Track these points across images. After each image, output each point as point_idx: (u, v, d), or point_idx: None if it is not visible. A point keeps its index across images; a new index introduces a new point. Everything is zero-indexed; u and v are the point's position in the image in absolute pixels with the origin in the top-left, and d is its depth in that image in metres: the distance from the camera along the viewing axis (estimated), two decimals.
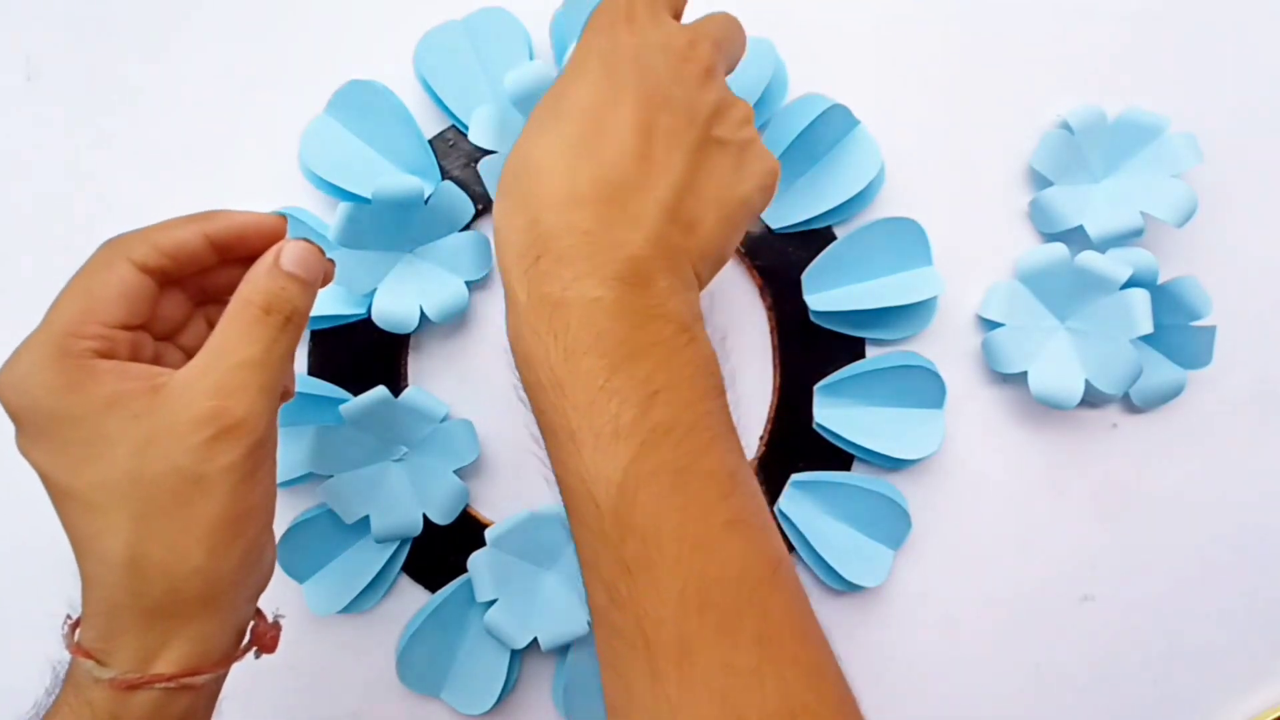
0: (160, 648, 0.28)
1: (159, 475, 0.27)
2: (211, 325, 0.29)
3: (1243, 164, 0.44)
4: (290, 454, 0.41)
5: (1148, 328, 0.40)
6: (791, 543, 0.42)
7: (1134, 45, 0.44)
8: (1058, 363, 0.41)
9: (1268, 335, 0.44)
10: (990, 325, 0.43)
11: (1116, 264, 0.40)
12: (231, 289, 0.29)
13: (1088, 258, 0.41)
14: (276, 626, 0.33)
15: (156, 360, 0.30)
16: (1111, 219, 0.41)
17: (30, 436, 0.27)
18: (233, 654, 0.30)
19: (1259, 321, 0.44)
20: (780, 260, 0.43)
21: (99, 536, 0.27)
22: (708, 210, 0.29)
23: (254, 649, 0.32)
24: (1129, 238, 0.41)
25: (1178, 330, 0.42)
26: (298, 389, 0.41)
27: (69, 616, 0.30)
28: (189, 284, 0.31)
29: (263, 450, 0.28)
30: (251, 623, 0.32)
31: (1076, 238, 0.42)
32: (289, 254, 0.29)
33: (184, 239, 0.29)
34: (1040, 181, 0.43)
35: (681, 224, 0.28)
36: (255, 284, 0.29)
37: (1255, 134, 0.44)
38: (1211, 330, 0.42)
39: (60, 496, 0.28)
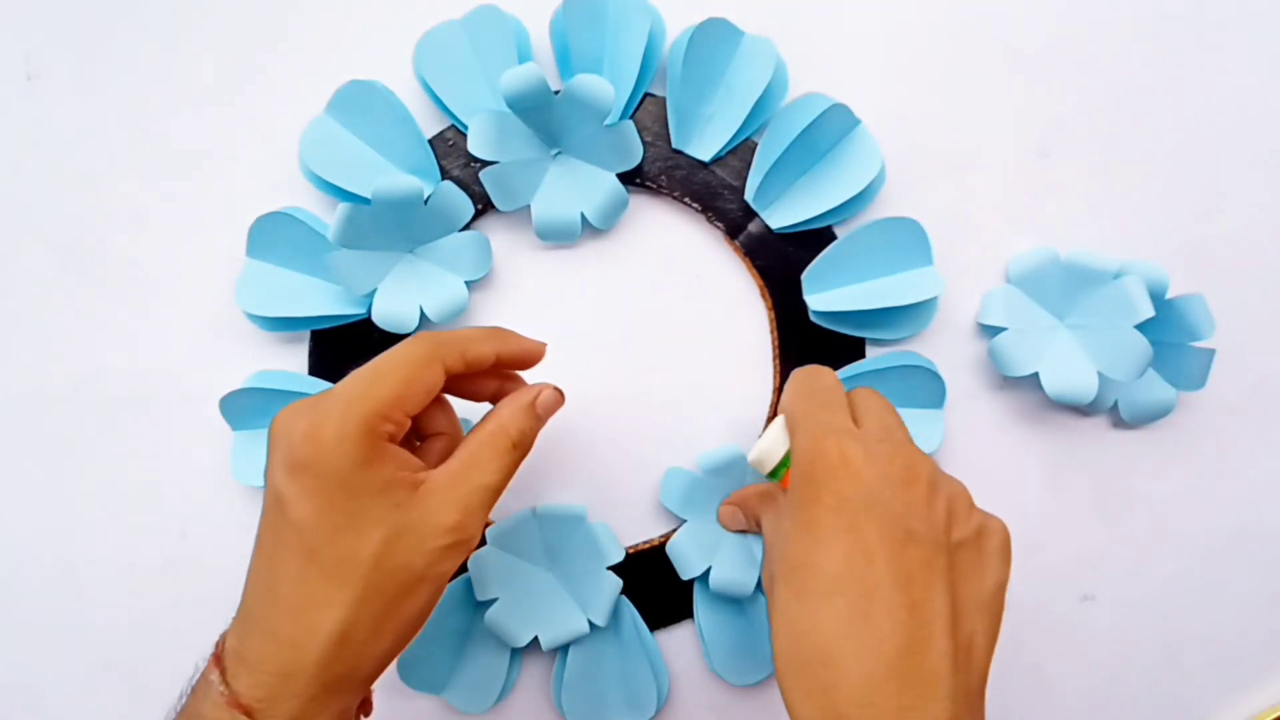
0: (310, 718, 0.29)
1: (395, 568, 0.29)
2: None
3: (1248, 166, 0.44)
4: None
5: (1148, 311, 0.40)
6: None
7: (1129, 41, 0.44)
8: (1066, 359, 0.41)
9: (1267, 336, 0.44)
10: (992, 331, 0.43)
11: (1104, 258, 0.40)
12: (472, 392, 0.35)
13: (1075, 254, 0.41)
14: (370, 693, 0.34)
15: (407, 441, 0.33)
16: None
17: (305, 487, 0.29)
18: None
19: (1259, 323, 0.44)
20: (780, 260, 0.43)
21: (321, 606, 0.29)
22: (976, 620, 0.29)
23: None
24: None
25: (1176, 349, 0.42)
26: (298, 389, 0.41)
27: (218, 655, 0.30)
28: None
29: (464, 560, 0.31)
30: None
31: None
32: (544, 400, 0.34)
33: (484, 354, 0.33)
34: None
35: (963, 651, 0.28)
36: (514, 418, 0.33)
37: (1258, 133, 0.44)
38: (1210, 353, 0.42)
39: (304, 551, 0.29)
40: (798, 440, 0.31)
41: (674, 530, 0.43)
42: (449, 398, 0.35)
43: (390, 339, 0.42)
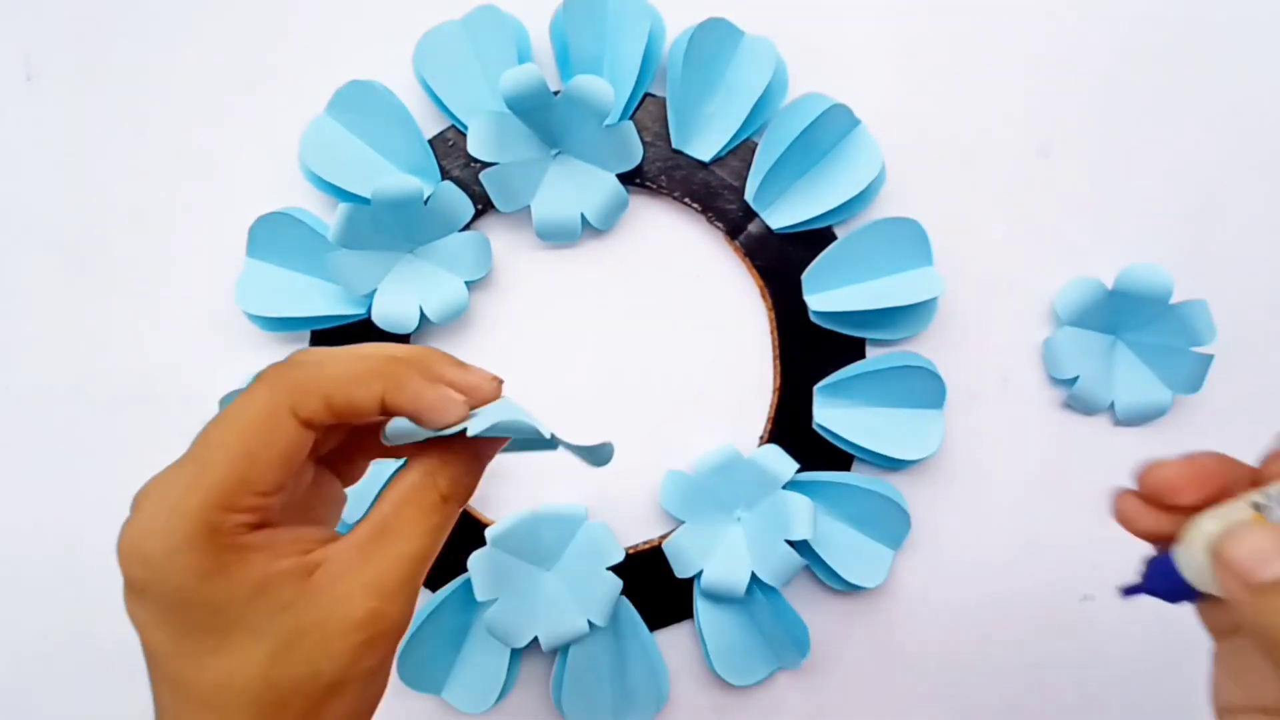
0: None
1: (297, 679, 0.23)
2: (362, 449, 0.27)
3: (1248, 167, 0.44)
4: None
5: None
6: (795, 547, 0.42)
7: (1130, 41, 0.44)
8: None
9: (1267, 335, 0.44)
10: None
11: (1161, 274, 0.41)
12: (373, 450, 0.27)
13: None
14: None
15: (304, 491, 0.27)
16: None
17: (151, 612, 0.23)
18: None
19: (1259, 322, 0.44)
20: (780, 260, 0.42)
21: None
22: None
23: None
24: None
25: (1175, 353, 0.42)
26: None
27: None
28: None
29: (398, 645, 0.25)
30: None
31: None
32: None
33: (359, 400, 0.24)
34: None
35: None
36: (445, 460, 0.25)
37: (1258, 133, 0.44)
38: (1208, 358, 0.42)
39: (170, 684, 0.23)
40: None
41: (673, 530, 0.43)
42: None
43: (390, 339, 0.42)
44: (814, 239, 0.42)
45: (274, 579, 0.23)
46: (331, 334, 0.42)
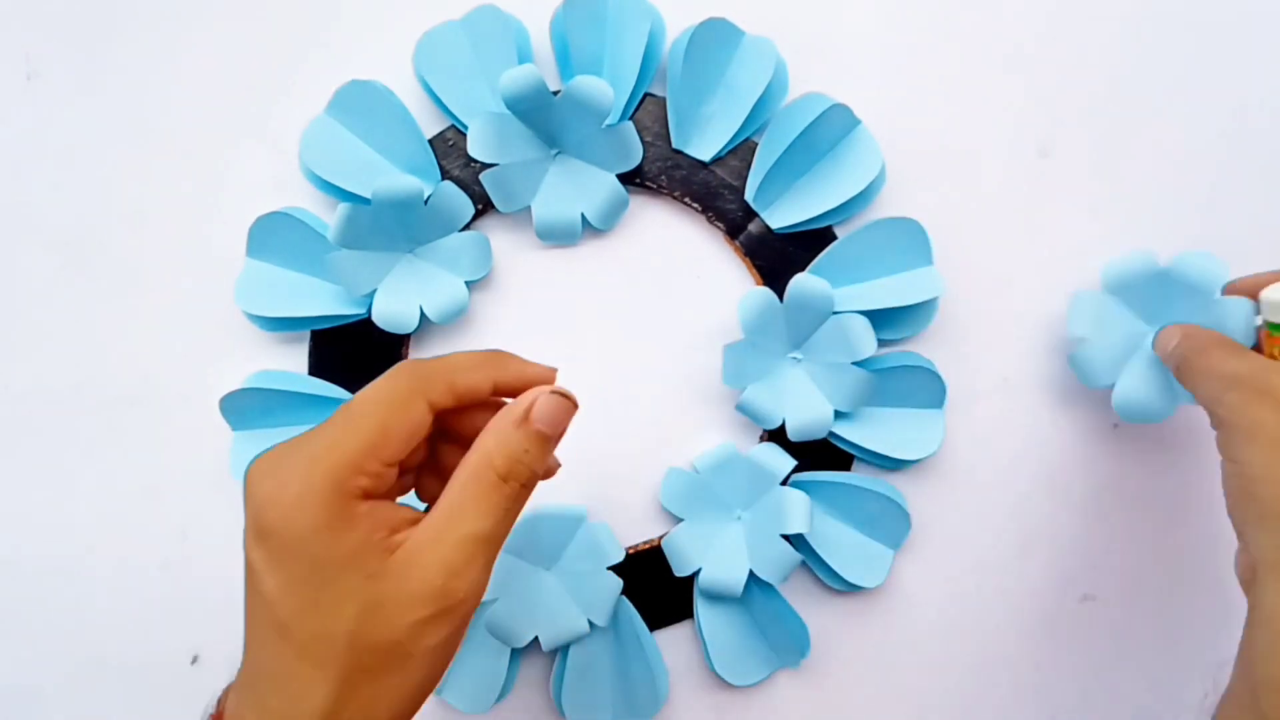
0: None
1: (375, 644, 0.26)
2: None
3: (1248, 166, 0.44)
4: None
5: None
6: (792, 543, 0.42)
7: (1129, 40, 0.44)
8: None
9: None
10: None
11: (1213, 264, 0.39)
12: (471, 428, 0.30)
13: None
14: None
15: (395, 485, 0.30)
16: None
17: (269, 556, 0.26)
18: None
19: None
20: (780, 260, 0.43)
21: (304, 684, 0.26)
22: None
23: None
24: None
25: None
26: (298, 389, 0.41)
27: (219, 714, 0.29)
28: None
29: (467, 623, 0.28)
30: None
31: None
32: (541, 411, 0.29)
33: (476, 384, 0.29)
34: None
35: None
36: (500, 441, 0.28)
37: (1258, 132, 0.44)
38: None
39: (274, 628, 0.26)
40: None
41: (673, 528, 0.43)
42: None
43: (391, 339, 0.42)
44: (814, 239, 0.42)
45: (367, 548, 0.26)
46: (331, 334, 0.42)
